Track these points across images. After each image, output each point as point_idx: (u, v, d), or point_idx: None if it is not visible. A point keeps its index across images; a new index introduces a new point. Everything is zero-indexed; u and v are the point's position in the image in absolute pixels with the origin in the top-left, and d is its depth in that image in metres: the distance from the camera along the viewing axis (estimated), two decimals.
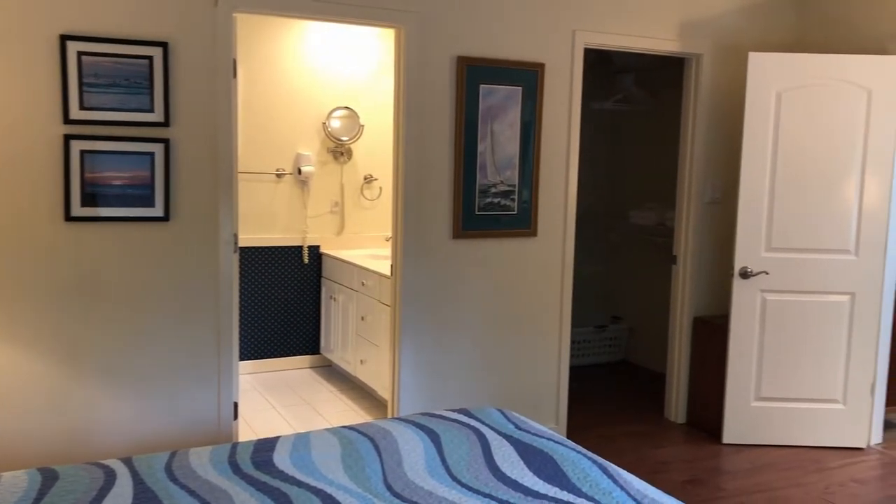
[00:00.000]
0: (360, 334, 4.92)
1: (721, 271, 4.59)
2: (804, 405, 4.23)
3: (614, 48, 4.20)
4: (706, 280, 4.60)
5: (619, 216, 5.91)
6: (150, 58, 3.19)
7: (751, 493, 3.67)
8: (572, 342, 5.49)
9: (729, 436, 4.27)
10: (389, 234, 5.55)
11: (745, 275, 4.16)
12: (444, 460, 2.39)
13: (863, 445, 4.24)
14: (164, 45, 3.20)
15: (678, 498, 3.51)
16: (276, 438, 2.55)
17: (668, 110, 5.40)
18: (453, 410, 2.85)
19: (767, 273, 4.16)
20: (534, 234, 4.08)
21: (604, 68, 5.68)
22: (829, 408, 4.23)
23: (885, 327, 4.26)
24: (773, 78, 4.07)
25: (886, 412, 4.43)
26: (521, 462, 2.37)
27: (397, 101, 3.76)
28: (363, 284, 4.86)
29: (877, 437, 4.34)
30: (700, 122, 4.44)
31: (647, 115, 5.72)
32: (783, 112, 4.09)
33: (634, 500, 2.14)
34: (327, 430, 2.64)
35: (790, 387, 4.22)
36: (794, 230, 4.14)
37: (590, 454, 2.44)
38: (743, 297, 4.18)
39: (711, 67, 4.43)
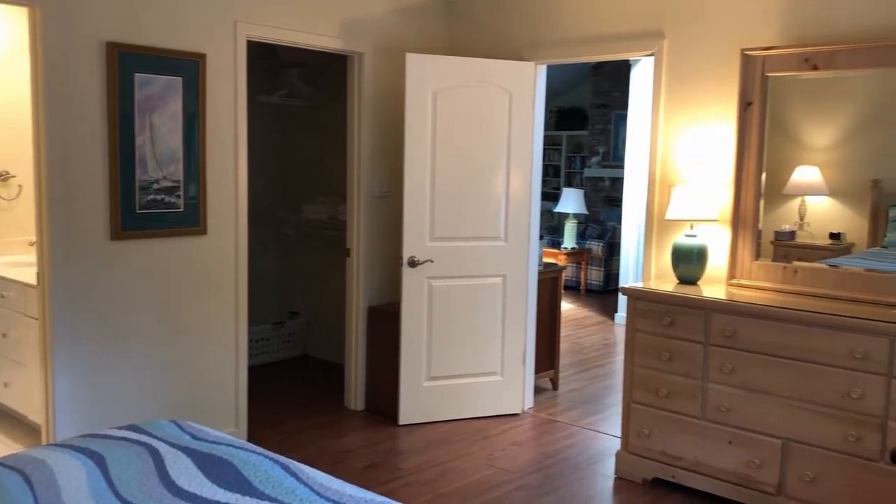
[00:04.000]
0: (2, 353, 4.31)
1: (392, 262, 4.80)
2: (469, 380, 4.60)
3: (277, 42, 4.17)
4: (378, 271, 4.78)
5: (293, 210, 5.89)
6: None
7: (425, 469, 3.90)
8: (250, 341, 5.36)
9: (405, 417, 4.49)
10: (34, 237, 4.93)
11: (412, 264, 4.40)
12: (111, 483, 2.18)
13: (518, 411, 4.74)
14: None
15: (359, 484, 3.60)
16: None
17: (336, 106, 5.50)
18: (120, 428, 2.62)
19: (432, 261, 4.43)
20: (204, 231, 3.90)
21: (271, 62, 5.61)
22: (490, 380, 4.65)
23: (531, 303, 4.79)
24: (429, 78, 4.34)
25: (536, 378, 5.01)
26: (200, 473, 2.25)
27: (35, 90, 3.33)
28: (3, 297, 4.26)
29: (529, 401, 4.87)
30: (365, 118, 4.59)
31: (316, 110, 5.78)
32: (439, 111, 4.38)
33: (317, 493, 2.15)
34: None
35: (456, 364, 4.56)
36: (453, 220, 4.46)
37: (271, 454, 2.40)
38: (411, 284, 4.42)
39: (374, 66, 4.60)
